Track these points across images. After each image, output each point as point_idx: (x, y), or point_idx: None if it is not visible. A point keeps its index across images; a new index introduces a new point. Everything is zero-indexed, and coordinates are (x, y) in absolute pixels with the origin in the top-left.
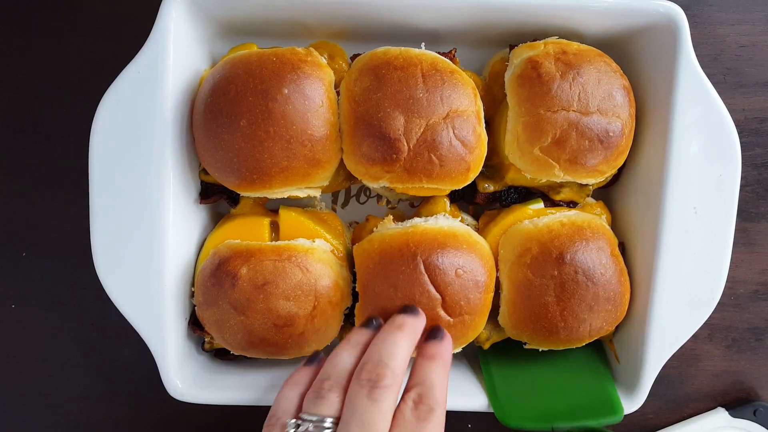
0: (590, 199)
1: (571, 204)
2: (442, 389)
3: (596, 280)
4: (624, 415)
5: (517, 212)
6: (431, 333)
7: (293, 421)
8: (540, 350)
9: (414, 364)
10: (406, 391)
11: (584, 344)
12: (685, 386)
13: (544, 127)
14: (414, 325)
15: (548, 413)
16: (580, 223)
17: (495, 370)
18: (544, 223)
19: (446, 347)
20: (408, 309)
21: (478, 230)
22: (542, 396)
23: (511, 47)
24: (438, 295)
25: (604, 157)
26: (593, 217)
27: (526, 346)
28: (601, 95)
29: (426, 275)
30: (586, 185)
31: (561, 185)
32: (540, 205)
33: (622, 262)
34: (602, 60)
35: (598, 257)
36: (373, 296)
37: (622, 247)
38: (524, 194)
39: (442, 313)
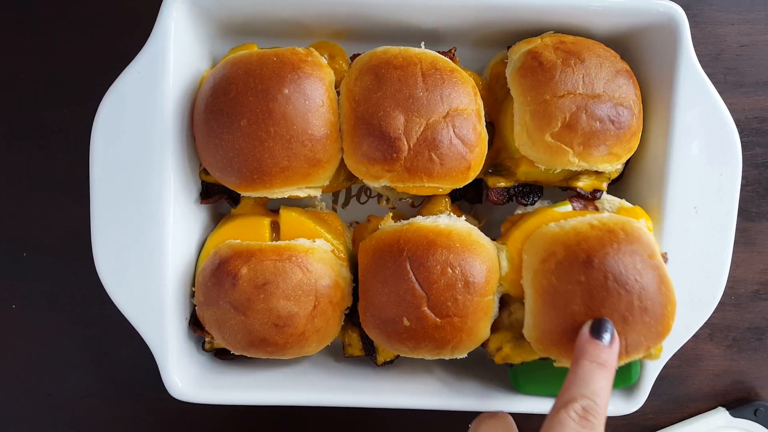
0: (626, 203)
1: (596, 193)
2: (607, 404)
3: (630, 287)
4: (624, 415)
5: (542, 214)
6: (598, 329)
7: None
8: None
9: (581, 365)
10: (570, 397)
11: (621, 366)
12: (685, 386)
13: (553, 112)
14: (614, 357)
15: (561, 377)
16: (612, 225)
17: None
18: (571, 225)
19: (615, 353)
20: (602, 329)
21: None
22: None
23: (509, 48)
24: (423, 293)
25: (617, 138)
26: (628, 220)
27: (556, 364)
28: (605, 77)
29: (412, 272)
30: (603, 173)
31: (577, 175)
32: (567, 207)
33: (664, 271)
34: (600, 46)
35: (632, 262)
36: (366, 293)
37: (665, 259)
38: (539, 190)
39: (428, 311)
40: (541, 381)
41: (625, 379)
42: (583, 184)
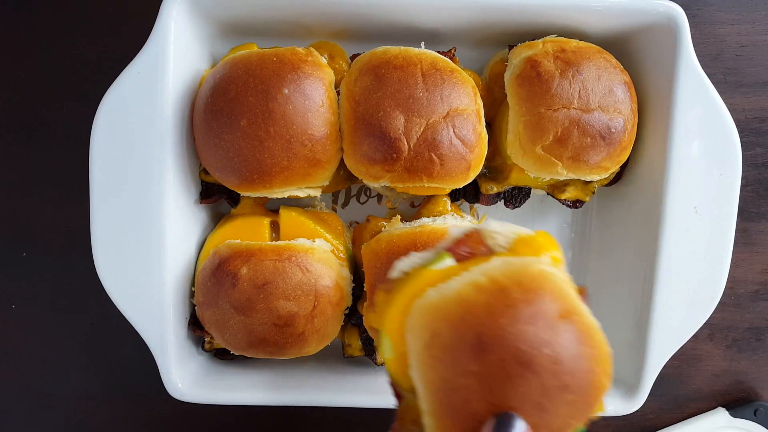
0: (522, 231)
1: (578, 203)
2: None
3: (538, 366)
4: (624, 415)
5: (418, 278)
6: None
7: None
8: None
9: None
10: None
11: None
12: (685, 386)
13: (546, 125)
14: None
15: None
16: (504, 281)
17: None
18: (453, 290)
19: None
20: (505, 428)
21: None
22: None
23: (510, 48)
24: None
25: (606, 153)
26: (524, 265)
27: None
28: (602, 92)
29: None
30: (591, 182)
31: (565, 183)
32: (447, 261)
33: (584, 324)
34: (601, 56)
35: (535, 331)
36: None
37: (585, 296)
38: (527, 193)
39: None
40: None
41: None
42: (568, 195)
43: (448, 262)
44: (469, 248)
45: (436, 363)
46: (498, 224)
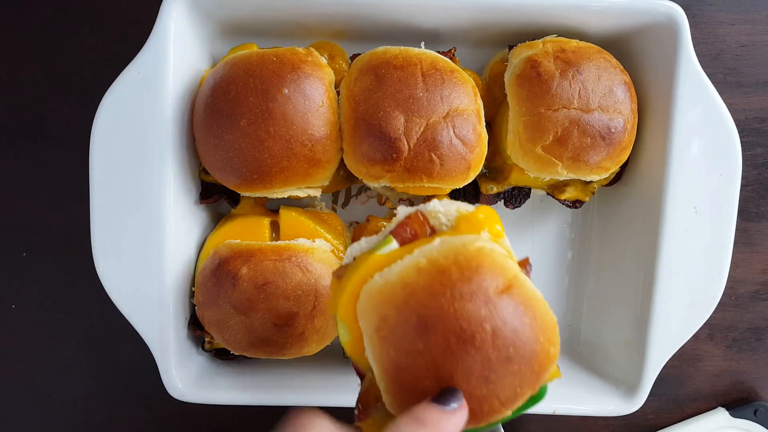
0: (463, 207)
1: (577, 203)
2: None
3: (479, 341)
4: (624, 415)
5: (365, 264)
6: (443, 400)
7: None
8: None
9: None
10: None
11: (510, 416)
12: (685, 386)
13: (545, 125)
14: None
15: None
16: (443, 261)
17: None
18: (396, 274)
19: (461, 422)
20: (446, 400)
21: None
22: None
23: (510, 47)
24: None
25: (606, 153)
26: (463, 244)
27: None
28: (602, 92)
29: None
30: (591, 183)
31: (565, 183)
32: (392, 245)
33: (524, 295)
34: (601, 56)
35: (474, 308)
36: None
37: (527, 268)
38: (527, 193)
39: None
40: None
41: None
42: (568, 195)
43: (393, 245)
44: (413, 230)
45: (386, 345)
46: (440, 203)
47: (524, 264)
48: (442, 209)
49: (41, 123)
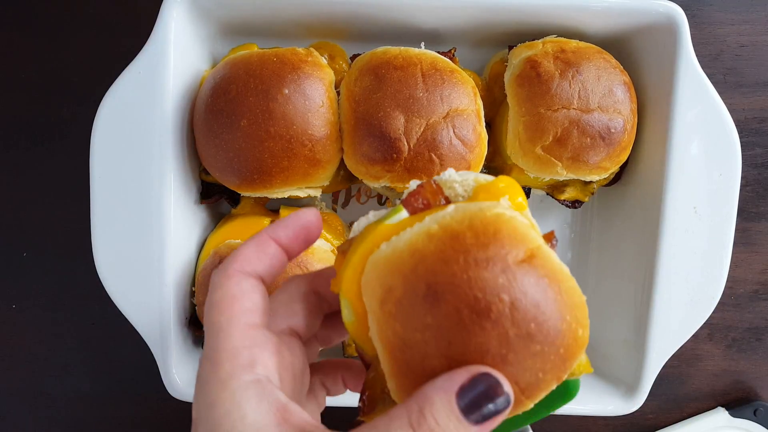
0: (482, 177)
1: (577, 203)
2: None
3: (496, 313)
4: (624, 415)
5: (372, 235)
6: (468, 400)
7: None
8: None
9: None
10: None
11: (534, 413)
12: (685, 386)
13: (545, 126)
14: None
15: None
16: (457, 226)
17: None
18: (405, 241)
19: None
20: (473, 402)
21: None
22: None
23: (510, 48)
24: None
25: (606, 153)
26: (480, 209)
27: None
28: (601, 92)
29: None
30: (590, 183)
31: (565, 184)
32: (402, 214)
33: (549, 267)
34: (601, 57)
35: (491, 276)
36: None
37: (552, 242)
38: (527, 193)
39: None
40: None
41: (562, 397)
42: (568, 195)
43: (403, 215)
44: (426, 199)
45: (391, 320)
46: (457, 173)
47: (550, 238)
48: (459, 179)
49: (41, 123)
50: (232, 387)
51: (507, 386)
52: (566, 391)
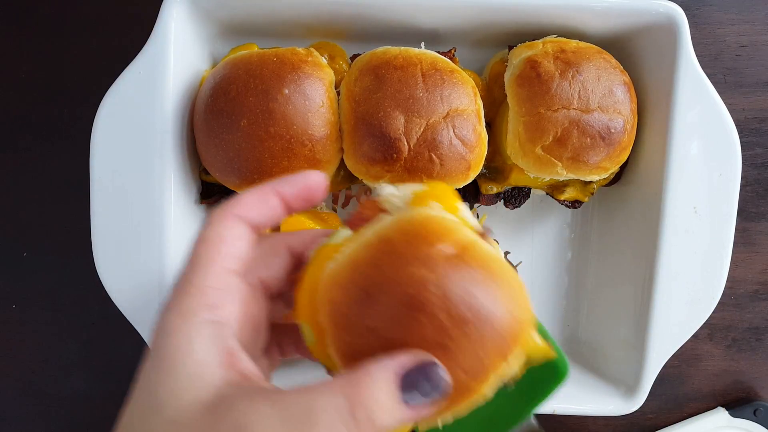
0: (419, 187)
1: (576, 203)
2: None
3: (429, 305)
4: (624, 415)
5: (320, 257)
6: (410, 386)
7: None
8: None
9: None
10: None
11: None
12: (685, 386)
13: (545, 126)
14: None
15: (489, 423)
16: (387, 231)
17: None
18: (347, 255)
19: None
20: (415, 386)
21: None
22: (475, 411)
23: (510, 48)
24: None
25: (606, 153)
26: (411, 214)
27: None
28: (602, 92)
29: None
30: (590, 183)
31: (565, 184)
32: (345, 232)
33: (481, 254)
34: (601, 57)
35: (421, 272)
36: None
37: (486, 233)
38: (527, 193)
39: None
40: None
41: (552, 379)
42: (567, 195)
43: (345, 233)
44: (367, 215)
45: (341, 331)
46: (395, 188)
47: (484, 234)
48: (398, 193)
49: (41, 123)
50: (190, 321)
51: (444, 373)
52: (555, 373)
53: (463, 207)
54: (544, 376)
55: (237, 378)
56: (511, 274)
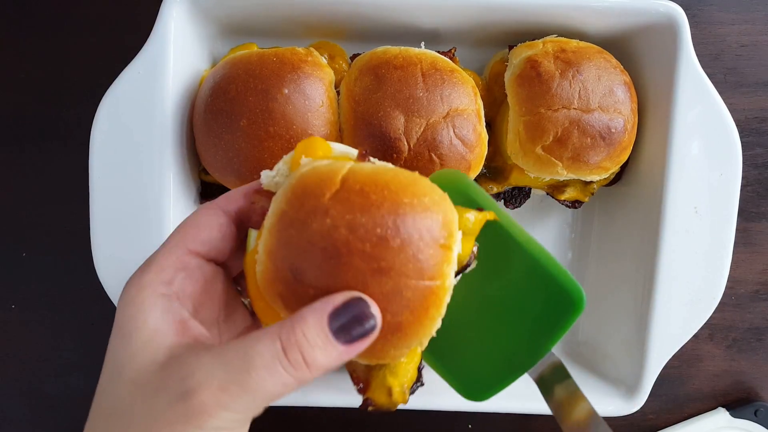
0: (289, 155)
1: (577, 204)
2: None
3: (346, 247)
4: (625, 416)
5: (247, 265)
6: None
7: None
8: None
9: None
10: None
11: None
12: (685, 386)
13: (546, 125)
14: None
15: (509, 360)
16: (282, 206)
17: (434, 353)
18: (261, 251)
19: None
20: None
21: None
22: (494, 348)
23: (510, 47)
24: None
25: (606, 153)
26: (290, 181)
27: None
28: (602, 92)
29: None
30: (590, 183)
31: (565, 184)
32: (254, 234)
33: (363, 173)
34: (602, 56)
35: (319, 225)
36: None
37: (363, 153)
38: (527, 193)
39: None
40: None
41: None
42: (567, 196)
43: (254, 234)
44: (263, 207)
45: (284, 311)
46: (271, 171)
47: (364, 155)
48: (274, 171)
49: (41, 123)
50: (146, 293)
51: (375, 309)
52: (571, 303)
53: (335, 145)
54: (559, 308)
55: (188, 341)
56: (398, 174)
